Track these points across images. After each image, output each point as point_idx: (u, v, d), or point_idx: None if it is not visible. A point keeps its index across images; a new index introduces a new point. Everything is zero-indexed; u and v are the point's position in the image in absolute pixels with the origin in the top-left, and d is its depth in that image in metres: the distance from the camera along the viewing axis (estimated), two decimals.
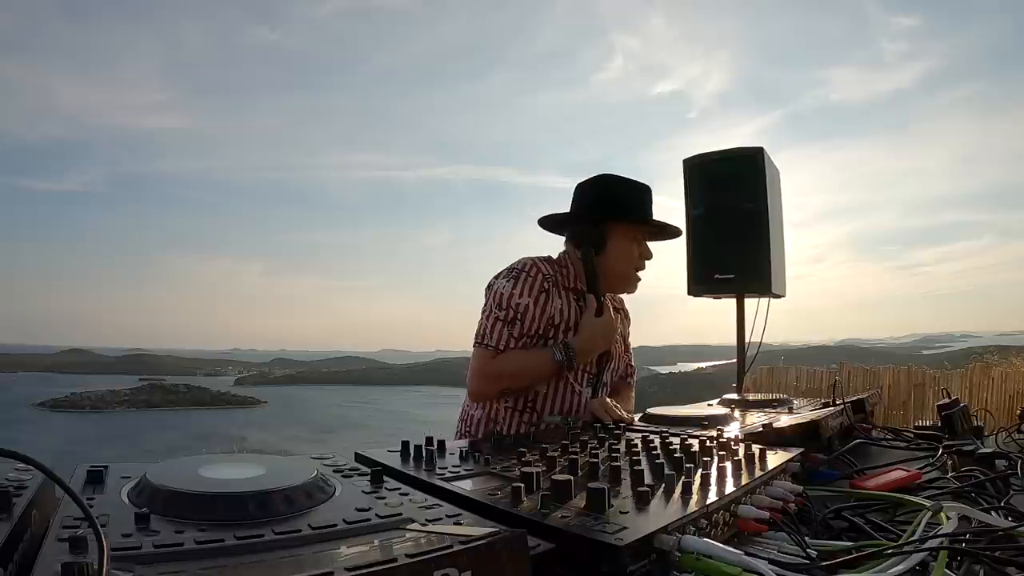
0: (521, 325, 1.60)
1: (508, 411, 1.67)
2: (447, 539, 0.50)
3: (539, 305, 1.62)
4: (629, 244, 1.71)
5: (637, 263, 1.73)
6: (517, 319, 1.60)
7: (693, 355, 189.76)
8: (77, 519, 0.51)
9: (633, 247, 1.71)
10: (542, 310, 1.62)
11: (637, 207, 1.71)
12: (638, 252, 1.73)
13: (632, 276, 1.74)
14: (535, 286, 1.62)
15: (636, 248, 1.72)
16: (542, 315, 1.62)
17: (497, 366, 1.60)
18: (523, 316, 1.60)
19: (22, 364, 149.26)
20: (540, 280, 1.64)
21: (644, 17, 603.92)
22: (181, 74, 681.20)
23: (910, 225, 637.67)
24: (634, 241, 1.71)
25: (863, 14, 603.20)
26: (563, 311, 1.66)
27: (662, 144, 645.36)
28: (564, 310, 1.66)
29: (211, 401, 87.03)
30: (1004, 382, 5.37)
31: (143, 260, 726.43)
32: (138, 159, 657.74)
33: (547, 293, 1.63)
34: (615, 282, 1.74)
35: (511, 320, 1.60)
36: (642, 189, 1.75)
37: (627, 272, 1.73)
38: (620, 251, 1.70)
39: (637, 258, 1.73)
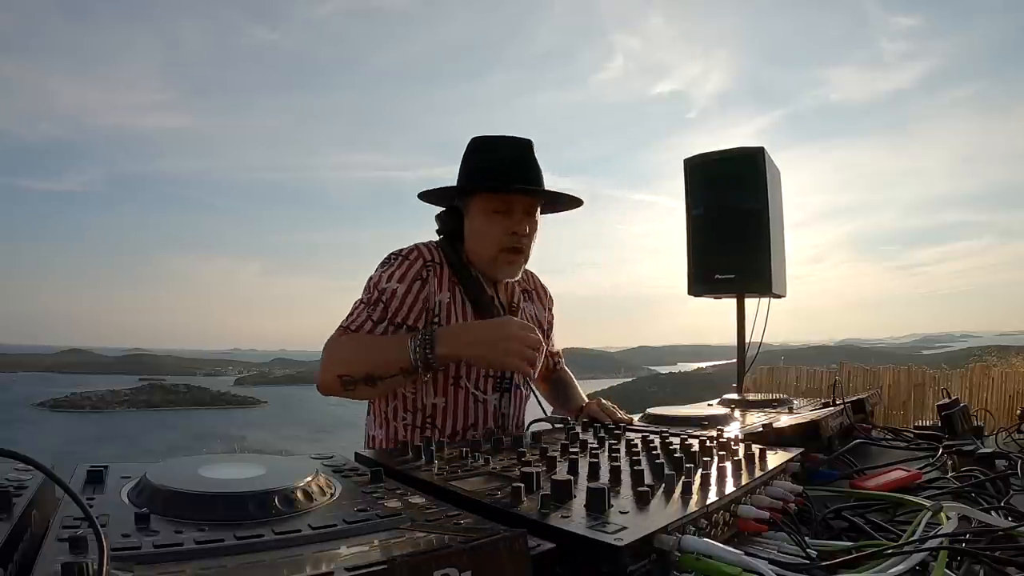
0: (384, 309, 1.36)
1: (408, 428, 1.45)
2: (447, 539, 0.50)
3: (412, 292, 1.38)
4: (488, 220, 1.42)
5: (502, 240, 1.42)
6: (380, 301, 1.36)
7: (693, 355, 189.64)
8: (77, 519, 0.51)
9: (493, 224, 1.42)
10: (415, 297, 1.38)
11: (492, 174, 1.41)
12: (500, 228, 1.42)
13: (498, 257, 1.43)
14: (411, 271, 1.40)
15: (497, 223, 1.42)
16: (414, 303, 1.38)
17: (337, 344, 1.34)
18: (388, 300, 1.36)
19: (22, 364, 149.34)
20: (420, 266, 1.41)
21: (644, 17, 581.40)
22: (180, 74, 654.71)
23: (910, 225, 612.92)
24: (493, 215, 1.42)
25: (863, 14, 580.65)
26: (444, 302, 1.42)
27: (662, 144, 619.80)
28: (446, 301, 1.42)
29: (211, 401, 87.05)
30: (1004, 382, 5.37)
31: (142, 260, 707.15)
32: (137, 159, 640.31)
33: (424, 281, 1.40)
34: (483, 267, 1.47)
35: (373, 303, 1.37)
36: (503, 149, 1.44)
37: (488, 252, 1.43)
38: (476, 230, 1.44)
39: (500, 234, 1.42)
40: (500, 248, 1.43)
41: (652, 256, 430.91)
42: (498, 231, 1.42)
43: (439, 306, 1.41)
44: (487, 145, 1.47)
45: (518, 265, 1.47)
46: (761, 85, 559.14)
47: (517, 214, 1.42)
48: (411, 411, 1.46)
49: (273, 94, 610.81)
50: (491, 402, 1.49)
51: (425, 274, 1.41)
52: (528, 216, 1.44)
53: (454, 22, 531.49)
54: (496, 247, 1.43)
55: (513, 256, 1.44)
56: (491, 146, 1.46)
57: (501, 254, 1.43)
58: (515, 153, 1.44)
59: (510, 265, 1.46)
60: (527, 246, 1.46)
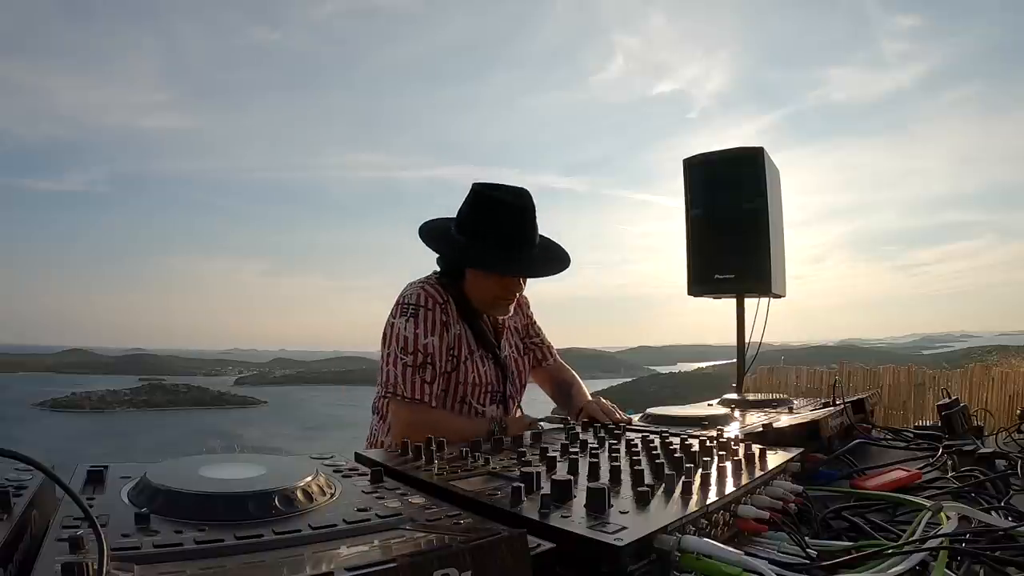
0: (433, 368, 1.50)
1: None
2: (447, 539, 0.50)
3: (444, 341, 1.55)
4: (485, 279, 1.58)
5: (498, 293, 1.59)
6: (428, 363, 1.50)
7: (693, 355, 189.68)
8: (77, 519, 0.51)
9: (490, 282, 1.58)
10: (447, 344, 1.56)
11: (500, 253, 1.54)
12: (500, 287, 1.58)
13: (494, 303, 1.61)
14: (436, 321, 1.54)
15: (495, 282, 1.58)
16: (447, 350, 1.56)
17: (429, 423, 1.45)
18: (433, 357, 1.51)
19: (22, 364, 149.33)
20: (439, 312, 1.55)
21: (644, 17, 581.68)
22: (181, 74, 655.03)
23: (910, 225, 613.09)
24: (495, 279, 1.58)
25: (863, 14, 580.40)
26: (459, 338, 1.59)
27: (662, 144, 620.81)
28: (458, 332, 1.59)
29: (211, 401, 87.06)
30: (1004, 382, 5.37)
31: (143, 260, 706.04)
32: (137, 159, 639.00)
33: (446, 325, 1.56)
34: (480, 307, 1.64)
35: (421, 365, 1.50)
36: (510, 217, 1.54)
37: (485, 301, 1.61)
38: (474, 284, 1.60)
39: (497, 290, 1.59)
40: (494, 297, 1.60)
41: (652, 256, 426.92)
42: (496, 289, 1.59)
43: (454, 339, 1.58)
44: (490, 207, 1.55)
45: (510, 308, 1.66)
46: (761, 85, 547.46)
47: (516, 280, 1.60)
48: None
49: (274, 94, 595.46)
50: (489, 412, 1.63)
51: (444, 317, 1.56)
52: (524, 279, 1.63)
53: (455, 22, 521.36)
54: (492, 298, 1.61)
55: (507, 304, 1.64)
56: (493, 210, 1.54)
57: (496, 300, 1.61)
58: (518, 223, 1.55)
59: (503, 309, 1.65)
60: (518, 296, 1.65)
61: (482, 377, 1.63)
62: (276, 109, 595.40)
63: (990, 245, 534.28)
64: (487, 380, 1.64)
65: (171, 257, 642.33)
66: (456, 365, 1.58)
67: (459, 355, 1.59)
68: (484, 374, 1.64)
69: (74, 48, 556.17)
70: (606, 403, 1.52)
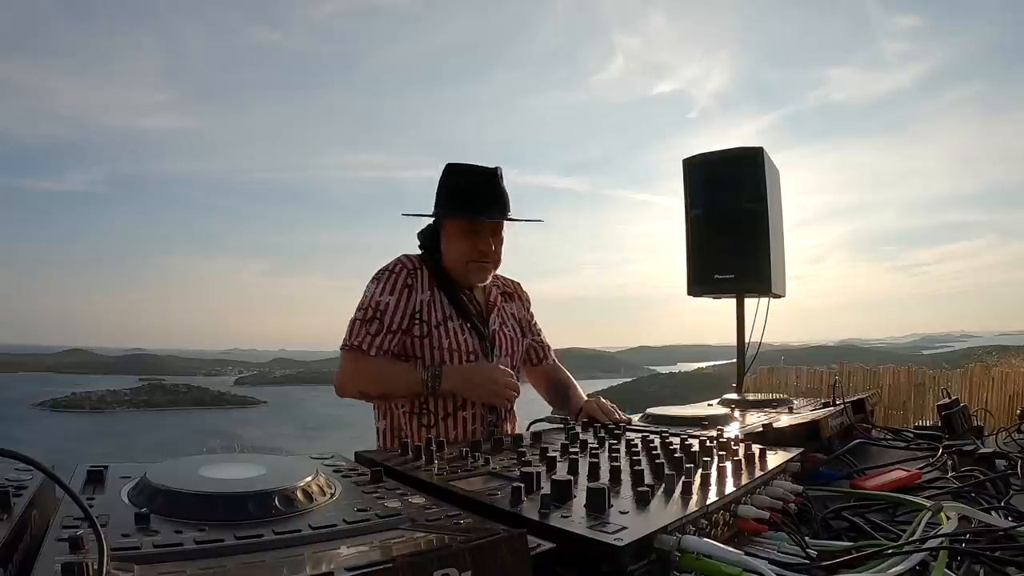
0: (380, 322, 1.59)
1: (406, 416, 1.64)
2: (447, 539, 0.50)
3: (402, 301, 1.61)
4: (459, 239, 1.65)
5: (470, 254, 1.65)
6: (376, 317, 1.59)
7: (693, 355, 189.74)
8: (77, 519, 0.51)
9: (463, 242, 1.65)
10: (405, 304, 1.61)
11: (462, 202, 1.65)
12: (468, 245, 1.65)
13: (467, 269, 1.66)
14: (399, 283, 1.62)
15: (466, 241, 1.64)
16: (405, 309, 1.61)
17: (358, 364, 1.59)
18: (383, 313, 1.59)
19: (22, 364, 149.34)
20: (405, 275, 1.63)
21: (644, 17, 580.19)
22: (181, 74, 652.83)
23: (910, 225, 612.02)
24: (465, 235, 1.65)
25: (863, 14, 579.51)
26: (430, 303, 1.64)
27: (662, 144, 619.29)
28: (427, 299, 1.64)
29: (211, 401, 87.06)
30: (1004, 382, 5.37)
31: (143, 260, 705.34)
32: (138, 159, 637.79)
33: (411, 288, 1.63)
34: (456, 276, 1.70)
35: (370, 319, 1.59)
36: (472, 178, 1.66)
37: (459, 268, 1.67)
38: (450, 247, 1.68)
39: (468, 251, 1.65)
40: (469, 261, 1.66)
41: (652, 256, 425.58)
42: (467, 248, 1.65)
43: (421, 304, 1.64)
44: (458, 173, 1.69)
45: (487, 271, 1.70)
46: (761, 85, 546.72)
47: (483, 234, 1.65)
48: (407, 399, 1.63)
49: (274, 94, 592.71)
50: None
51: (411, 281, 1.64)
52: (494, 235, 1.68)
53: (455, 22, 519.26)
54: (466, 260, 1.66)
55: (481, 266, 1.67)
56: (461, 175, 1.68)
57: (470, 265, 1.66)
58: (482, 182, 1.65)
59: (479, 272, 1.68)
60: (493, 258, 1.69)
61: (460, 344, 1.65)
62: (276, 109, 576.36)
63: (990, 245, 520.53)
64: (468, 348, 1.65)
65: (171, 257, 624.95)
66: (427, 330, 1.62)
67: (429, 320, 1.63)
68: (464, 342, 1.65)
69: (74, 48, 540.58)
70: (605, 403, 1.52)
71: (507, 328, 1.79)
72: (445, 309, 1.67)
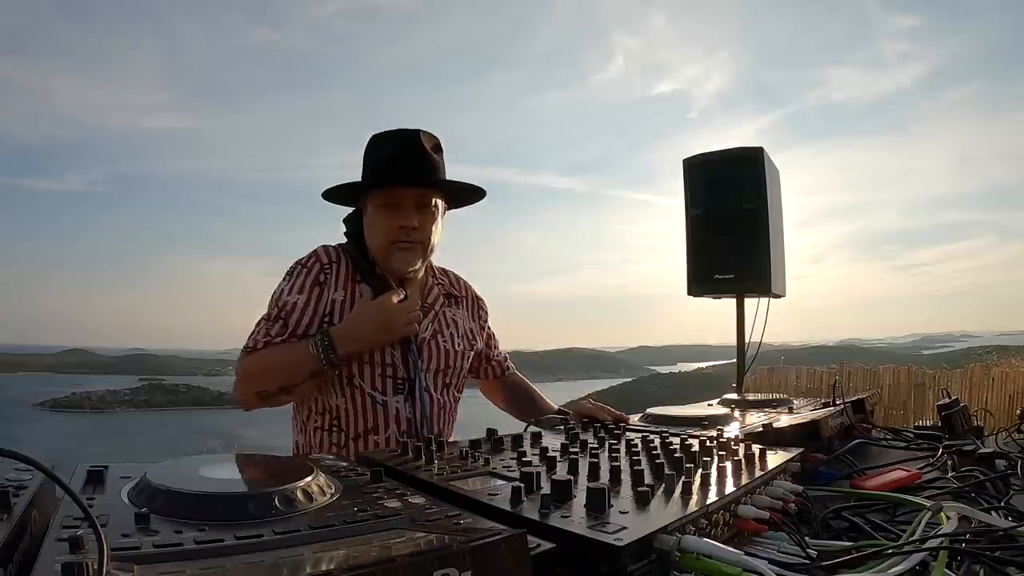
0: (284, 324, 1.36)
1: (318, 432, 1.43)
2: (447, 539, 0.50)
3: (311, 302, 1.38)
4: (377, 217, 1.41)
5: (390, 232, 1.40)
6: (280, 318, 1.37)
7: (693, 355, 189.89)
8: (77, 519, 0.51)
9: (382, 219, 1.40)
10: (315, 306, 1.38)
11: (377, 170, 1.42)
12: (388, 222, 1.40)
13: (389, 248, 1.41)
14: (308, 280, 1.39)
15: (386, 217, 1.40)
16: (314, 312, 1.38)
17: (246, 364, 1.36)
18: (288, 314, 1.36)
19: (22, 364, 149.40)
20: (317, 271, 1.40)
21: (644, 17, 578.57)
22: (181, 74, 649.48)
23: (910, 225, 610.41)
24: (384, 210, 1.40)
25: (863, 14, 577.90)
26: (338, 300, 1.40)
27: (662, 144, 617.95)
28: (340, 299, 1.40)
29: (211, 401, 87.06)
30: (1004, 382, 5.37)
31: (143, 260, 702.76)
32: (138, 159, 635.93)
33: (322, 286, 1.40)
34: (380, 261, 1.44)
35: (273, 319, 1.37)
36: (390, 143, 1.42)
37: (379, 244, 1.42)
38: (368, 225, 1.44)
39: (389, 227, 1.40)
40: (390, 240, 1.40)
41: (652, 256, 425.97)
42: (387, 224, 1.40)
43: (332, 305, 1.40)
44: (378, 141, 1.45)
45: (413, 253, 1.42)
46: (761, 85, 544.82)
47: (406, 208, 1.40)
48: (320, 413, 1.44)
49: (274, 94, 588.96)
50: (393, 405, 1.42)
51: (323, 278, 1.41)
52: (419, 209, 1.41)
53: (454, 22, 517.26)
54: (386, 239, 1.41)
55: (404, 245, 1.41)
56: (381, 141, 1.44)
57: (392, 245, 1.41)
58: (400, 146, 1.41)
59: (403, 253, 1.41)
60: (420, 239, 1.42)
61: (375, 355, 1.40)
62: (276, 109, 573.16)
63: (990, 245, 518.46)
64: (386, 360, 1.41)
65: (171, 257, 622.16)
66: None
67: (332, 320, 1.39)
68: (380, 353, 1.41)
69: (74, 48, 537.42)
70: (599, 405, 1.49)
71: (442, 339, 1.51)
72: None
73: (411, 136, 1.41)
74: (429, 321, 1.50)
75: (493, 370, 1.73)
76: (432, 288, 1.56)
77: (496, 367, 1.74)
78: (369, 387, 1.41)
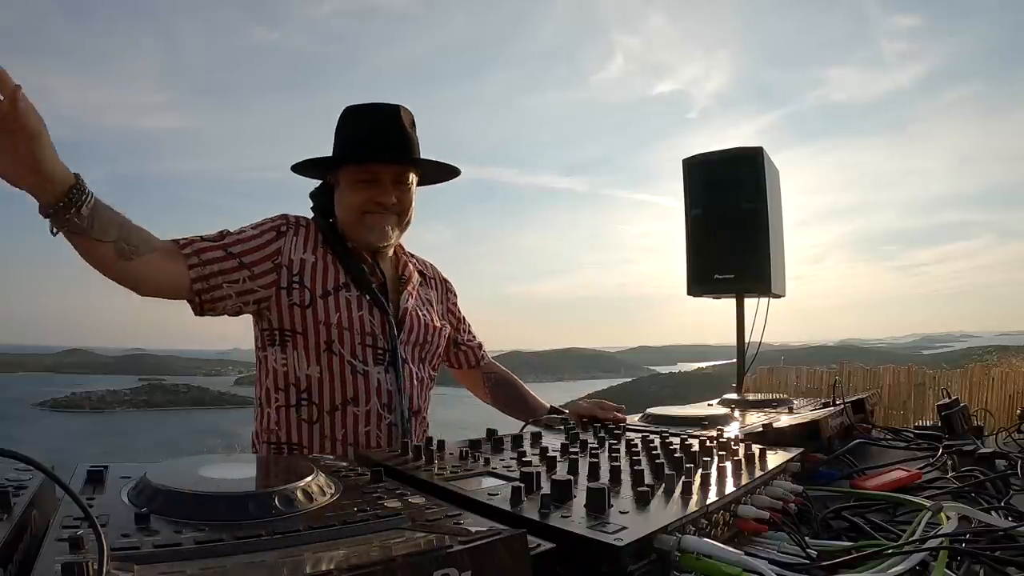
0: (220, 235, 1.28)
1: (282, 411, 1.34)
2: (447, 539, 0.50)
3: (262, 237, 1.31)
4: (352, 191, 1.37)
5: (365, 206, 1.36)
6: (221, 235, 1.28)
7: (693, 355, 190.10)
8: (77, 519, 0.51)
9: (357, 194, 1.36)
10: (264, 242, 1.30)
11: (355, 144, 1.37)
12: (365, 196, 1.36)
13: (362, 219, 1.37)
14: (267, 224, 1.34)
15: (362, 193, 1.36)
16: (262, 246, 1.30)
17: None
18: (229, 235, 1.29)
19: (22, 364, 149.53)
20: (280, 222, 1.36)
21: (644, 17, 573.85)
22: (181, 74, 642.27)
23: (910, 225, 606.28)
24: (358, 186, 1.36)
25: (863, 14, 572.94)
26: (309, 261, 1.34)
27: (662, 144, 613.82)
28: (311, 260, 1.34)
29: (211, 401, 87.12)
30: (1004, 382, 5.37)
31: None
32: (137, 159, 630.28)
33: (279, 233, 1.33)
34: (352, 235, 1.39)
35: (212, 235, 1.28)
36: (368, 117, 1.38)
37: (353, 223, 1.38)
38: (341, 201, 1.39)
39: (364, 202, 1.36)
40: (363, 212, 1.36)
41: (652, 256, 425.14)
42: (362, 199, 1.36)
43: (302, 264, 1.33)
44: (353, 114, 1.40)
45: (388, 225, 1.38)
46: (761, 85, 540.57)
47: (383, 184, 1.36)
48: (283, 389, 1.34)
49: (273, 94, 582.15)
50: (374, 375, 1.35)
51: (284, 229, 1.35)
52: (396, 186, 1.38)
53: (454, 22, 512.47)
54: (359, 211, 1.37)
55: (379, 217, 1.37)
56: (357, 115, 1.40)
57: (365, 216, 1.37)
58: (380, 121, 1.37)
59: (377, 225, 1.37)
60: (397, 211, 1.39)
61: (355, 322, 1.33)
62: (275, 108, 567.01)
63: (990, 245, 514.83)
64: (366, 329, 1.35)
65: None
66: (310, 299, 1.31)
67: (313, 287, 1.32)
68: (360, 320, 1.34)
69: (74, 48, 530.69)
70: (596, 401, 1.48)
71: (422, 312, 1.48)
72: (339, 276, 1.36)
73: (390, 111, 1.38)
74: (409, 294, 1.46)
75: (466, 357, 1.68)
76: (405, 263, 1.51)
77: (469, 354, 1.68)
78: (349, 355, 1.33)
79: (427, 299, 1.55)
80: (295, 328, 1.31)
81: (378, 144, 1.35)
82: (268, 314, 1.33)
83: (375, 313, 1.36)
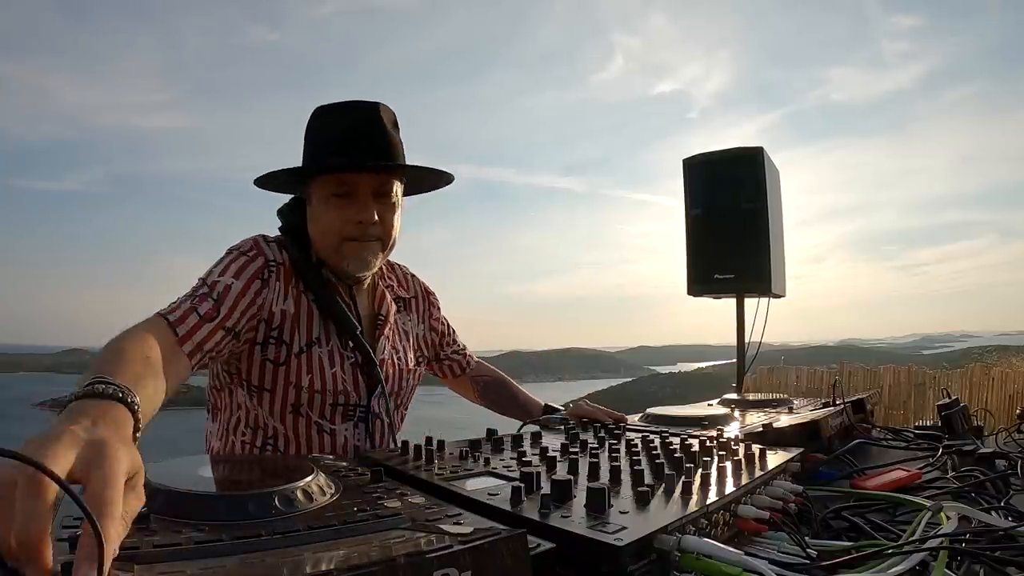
0: (216, 305, 1.08)
1: (246, 447, 1.21)
2: (447, 539, 0.50)
3: (249, 292, 1.13)
4: (326, 208, 1.17)
5: (344, 228, 1.17)
6: (211, 297, 1.08)
7: (693, 355, 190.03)
8: (77, 519, 0.51)
9: (332, 211, 1.17)
10: (251, 299, 1.13)
11: (327, 150, 1.16)
12: (339, 214, 1.17)
13: (341, 247, 1.19)
14: (250, 268, 1.15)
15: (338, 209, 1.17)
16: (249, 305, 1.13)
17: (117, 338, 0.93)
18: (221, 297, 1.09)
19: (22, 364, 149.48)
20: (261, 264, 1.16)
21: (644, 17, 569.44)
22: (180, 74, 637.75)
23: (910, 225, 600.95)
24: (333, 200, 1.17)
25: (863, 14, 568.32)
26: (289, 312, 1.18)
27: (662, 144, 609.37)
28: (291, 312, 1.18)
29: None
30: (1004, 382, 5.37)
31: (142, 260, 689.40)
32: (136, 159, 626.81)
33: (264, 282, 1.15)
34: (330, 263, 1.22)
35: (202, 296, 1.08)
36: (341, 118, 1.17)
37: (330, 243, 1.19)
38: (314, 219, 1.20)
39: (342, 222, 1.17)
40: (343, 238, 1.18)
41: (652, 256, 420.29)
42: (339, 218, 1.17)
43: (282, 317, 1.17)
44: (324, 115, 1.20)
45: (370, 252, 1.20)
46: (762, 85, 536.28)
47: (361, 198, 1.16)
48: (252, 428, 1.23)
49: (271, 93, 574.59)
50: (341, 433, 1.25)
51: (266, 275, 1.16)
52: (378, 199, 1.18)
53: (454, 22, 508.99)
54: (338, 237, 1.17)
55: (360, 245, 1.19)
56: (328, 116, 1.19)
57: (345, 244, 1.18)
58: (355, 122, 1.16)
59: (358, 255, 1.19)
60: (379, 234, 1.20)
61: (327, 382, 1.20)
62: (273, 108, 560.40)
63: (991, 245, 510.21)
64: (338, 388, 1.22)
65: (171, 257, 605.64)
66: (284, 357, 1.17)
67: (291, 341, 1.17)
68: (334, 379, 1.21)
69: (73, 48, 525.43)
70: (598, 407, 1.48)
71: (397, 355, 1.34)
72: (314, 327, 1.20)
73: (367, 109, 1.17)
74: (386, 338, 1.32)
75: (451, 368, 1.57)
76: (382, 293, 1.35)
77: (454, 365, 1.57)
78: (317, 416, 1.22)
79: (404, 331, 1.41)
80: (263, 385, 1.18)
81: (354, 148, 1.14)
82: (239, 364, 1.19)
83: (348, 369, 1.23)
